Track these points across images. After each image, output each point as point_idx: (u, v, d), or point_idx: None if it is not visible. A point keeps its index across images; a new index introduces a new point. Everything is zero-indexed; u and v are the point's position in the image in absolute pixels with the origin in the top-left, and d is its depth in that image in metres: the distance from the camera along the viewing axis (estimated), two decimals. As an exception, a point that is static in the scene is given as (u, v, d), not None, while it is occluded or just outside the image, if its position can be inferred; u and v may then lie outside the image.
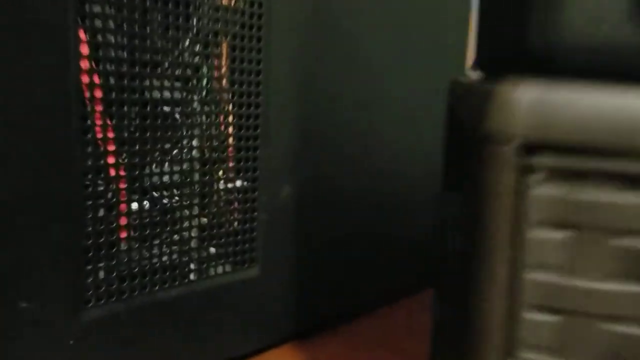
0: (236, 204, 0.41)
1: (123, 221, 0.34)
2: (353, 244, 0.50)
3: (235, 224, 0.41)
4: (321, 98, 0.45)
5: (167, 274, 0.37)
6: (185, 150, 0.37)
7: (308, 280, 0.46)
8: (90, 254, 0.33)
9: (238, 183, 0.41)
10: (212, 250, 0.40)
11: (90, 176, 0.32)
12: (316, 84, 0.44)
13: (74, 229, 0.32)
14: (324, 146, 0.45)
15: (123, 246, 0.35)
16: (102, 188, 0.33)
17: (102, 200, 0.33)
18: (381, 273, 0.53)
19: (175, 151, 0.36)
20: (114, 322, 0.34)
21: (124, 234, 0.34)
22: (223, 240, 0.40)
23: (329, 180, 0.46)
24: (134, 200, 0.35)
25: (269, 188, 0.42)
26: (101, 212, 0.33)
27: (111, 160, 0.33)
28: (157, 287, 0.37)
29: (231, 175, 0.40)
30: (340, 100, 0.46)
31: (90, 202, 0.32)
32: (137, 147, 0.34)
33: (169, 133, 0.36)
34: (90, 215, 0.32)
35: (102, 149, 0.33)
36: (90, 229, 0.33)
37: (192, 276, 0.39)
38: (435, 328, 0.32)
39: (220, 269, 0.40)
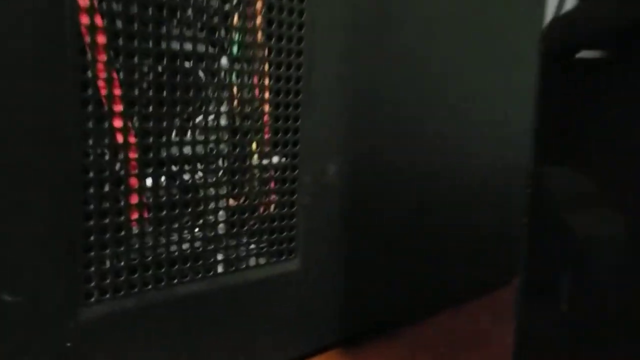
0: (272, 184, 0.34)
1: (134, 199, 0.28)
2: (410, 237, 0.42)
3: (272, 208, 0.34)
4: (378, 58, 0.38)
5: (188, 265, 0.31)
6: (211, 117, 0.31)
7: (356, 278, 0.39)
8: (92, 238, 0.27)
9: (275, 159, 0.34)
10: (244, 238, 0.33)
11: (91, 142, 0.26)
12: (372, 41, 0.37)
13: (72, 207, 0.26)
14: (380, 117, 0.38)
15: (134, 230, 0.29)
16: (106, 158, 0.27)
17: (107, 173, 0.27)
18: (441, 273, 0.46)
19: (199, 117, 0.30)
20: (122, 321, 0.28)
21: (134, 215, 0.28)
22: (256, 226, 0.34)
23: (384, 159, 0.39)
24: (147, 175, 0.29)
25: (312, 166, 0.35)
26: (106, 188, 0.27)
27: (118, 123, 0.27)
28: (175, 281, 0.30)
29: (267, 149, 0.33)
30: (402, 62, 0.39)
31: (91, 175, 0.26)
32: (150, 109, 0.28)
33: (191, 94, 0.29)
34: (91, 191, 0.26)
35: (106, 109, 0.27)
36: (92, 207, 0.27)
37: (219, 268, 0.32)
38: (522, 332, 0.25)
39: (252, 261, 0.34)
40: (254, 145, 0.33)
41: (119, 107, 0.27)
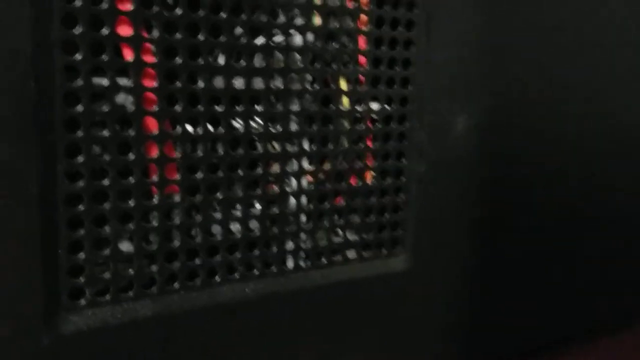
0: (370, 142, 0.23)
1: (152, 151, 0.18)
2: (575, 232, 0.30)
3: (369, 178, 0.23)
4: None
5: (239, 256, 0.21)
6: (276, 32, 0.20)
7: (490, 287, 0.27)
8: (83, 208, 0.17)
9: (375, 105, 0.23)
10: (325, 221, 0.23)
11: (80, 57, 0.17)
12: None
13: (40, 156, 0.17)
14: (541, 46, 0.26)
15: (153, 200, 0.19)
16: (105, 83, 0.17)
17: (107, 106, 0.17)
18: (609, 285, 0.32)
19: (255, 26, 0.20)
20: (129, 335, 0.19)
21: (153, 175, 0.19)
22: (345, 205, 0.23)
23: (544, 111, 0.27)
24: (172, 115, 0.19)
25: (431, 117, 0.24)
26: (106, 130, 0.17)
27: (125, 30, 0.17)
28: (217, 278, 0.20)
29: (363, 88, 0.22)
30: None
31: (80, 108, 0.17)
32: (179, 12, 0.18)
33: (245, -7, 0.19)
34: (79, 133, 0.17)
35: (105, 6, 0.17)
36: (81, 159, 0.17)
37: (289, 263, 0.22)
38: None
39: (338, 256, 0.23)
40: (342, 82, 0.22)
41: (126, 5, 0.17)
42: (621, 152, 0.31)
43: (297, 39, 0.21)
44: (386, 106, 0.23)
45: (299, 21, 0.21)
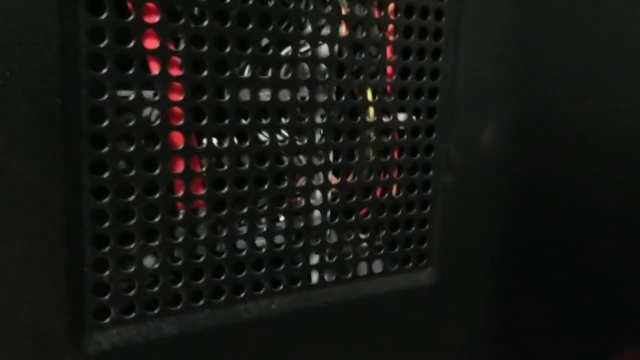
0: (396, 154, 0.23)
1: (177, 165, 0.18)
2: (602, 235, 0.29)
3: (394, 190, 0.23)
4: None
5: (264, 271, 0.20)
6: (302, 43, 0.20)
7: (518, 300, 0.27)
8: (107, 224, 0.17)
9: (402, 116, 0.22)
10: (351, 235, 0.22)
11: (105, 70, 0.16)
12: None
13: (65, 172, 0.16)
14: (568, 57, 0.26)
15: (179, 215, 0.18)
16: (130, 97, 0.17)
17: (133, 121, 0.17)
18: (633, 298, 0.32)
19: (282, 44, 0.19)
20: (155, 354, 0.18)
21: (179, 191, 0.18)
22: (370, 217, 0.22)
23: (566, 118, 0.26)
24: (201, 130, 0.18)
25: (458, 129, 0.23)
26: (132, 145, 0.17)
27: (152, 43, 0.17)
28: (242, 295, 0.20)
29: (389, 99, 0.22)
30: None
31: (105, 123, 0.16)
32: (206, 23, 0.18)
33: (272, 3, 0.19)
34: (107, 149, 0.17)
35: (132, 17, 0.16)
36: (107, 175, 0.17)
37: (313, 278, 0.22)
38: None
39: (364, 269, 0.23)
40: (368, 93, 0.21)
41: (152, 17, 0.17)
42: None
43: (324, 50, 0.20)
44: (413, 117, 0.23)
45: (326, 31, 0.20)
